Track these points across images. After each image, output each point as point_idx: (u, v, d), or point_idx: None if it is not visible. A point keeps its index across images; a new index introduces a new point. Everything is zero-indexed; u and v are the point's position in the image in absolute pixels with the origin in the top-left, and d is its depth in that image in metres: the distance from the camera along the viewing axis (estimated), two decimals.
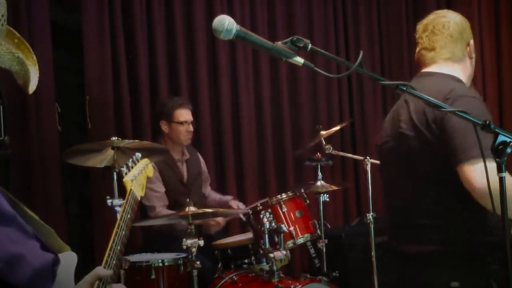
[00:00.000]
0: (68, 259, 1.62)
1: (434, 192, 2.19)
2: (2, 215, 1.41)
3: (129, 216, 1.86)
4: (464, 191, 2.04)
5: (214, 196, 4.34)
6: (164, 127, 4.10)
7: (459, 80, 2.30)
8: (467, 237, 2.15)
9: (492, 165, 1.99)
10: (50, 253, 1.48)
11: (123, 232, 1.80)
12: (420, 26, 2.44)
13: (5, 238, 1.38)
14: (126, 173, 2.02)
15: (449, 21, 2.35)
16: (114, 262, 1.70)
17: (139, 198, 1.99)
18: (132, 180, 2.00)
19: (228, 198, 4.29)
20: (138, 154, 2.16)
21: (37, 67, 1.59)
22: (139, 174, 2.08)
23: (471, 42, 2.37)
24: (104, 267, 1.68)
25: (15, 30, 1.56)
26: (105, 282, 1.63)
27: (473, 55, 2.39)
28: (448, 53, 2.32)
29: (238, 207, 4.14)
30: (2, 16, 1.52)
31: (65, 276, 1.56)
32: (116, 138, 3.37)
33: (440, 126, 2.12)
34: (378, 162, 2.71)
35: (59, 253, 1.58)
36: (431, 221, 2.20)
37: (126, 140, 3.42)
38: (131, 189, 1.97)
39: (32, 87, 1.57)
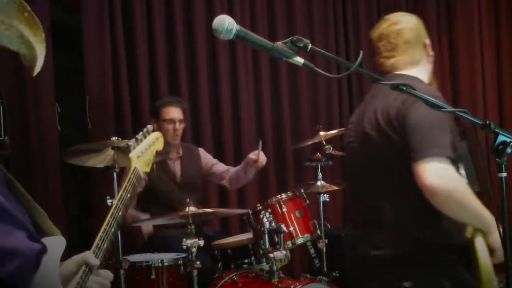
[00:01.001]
0: (56, 243, 1.58)
1: (394, 192, 2.21)
2: None
3: (128, 195, 1.78)
4: (421, 190, 2.06)
5: (234, 170, 4.22)
6: (154, 125, 4.05)
7: (420, 81, 2.32)
8: (422, 237, 2.16)
9: (444, 166, 2.01)
10: (36, 242, 1.46)
11: (120, 213, 1.73)
12: (374, 35, 2.45)
13: None
14: (134, 147, 1.91)
15: (403, 27, 2.37)
16: (105, 245, 1.65)
17: (142, 176, 1.89)
18: (138, 157, 1.89)
19: (244, 161, 4.14)
20: (150, 126, 2.06)
21: (44, 45, 1.55)
22: (147, 150, 1.97)
23: (427, 41, 2.40)
24: (94, 250, 1.63)
25: (25, 3, 1.54)
26: (92, 269, 1.58)
27: (431, 53, 2.42)
28: (407, 58, 2.35)
29: (256, 155, 3.98)
30: None
31: (51, 260, 1.52)
32: (116, 138, 3.36)
33: (401, 123, 2.14)
34: None
35: (49, 236, 1.55)
36: (389, 221, 2.21)
37: (126, 140, 3.42)
38: (135, 167, 1.87)
39: (38, 68, 1.53)
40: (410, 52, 2.35)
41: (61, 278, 1.57)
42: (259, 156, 3.93)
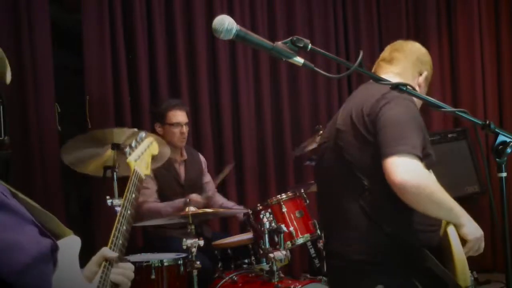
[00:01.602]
0: (71, 243, 1.64)
1: (363, 189, 2.20)
2: None
3: (133, 195, 1.86)
4: (391, 188, 2.06)
5: (218, 198, 4.31)
6: (158, 129, 4.07)
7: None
8: (394, 235, 2.16)
9: (412, 162, 2.03)
10: (48, 238, 1.48)
11: (128, 212, 1.81)
12: (387, 47, 2.58)
13: (2, 226, 1.38)
14: (129, 154, 2.02)
15: (415, 47, 2.50)
16: (120, 241, 1.73)
17: (143, 177, 1.99)
18: (135, 160, 2.00)
19: (229, 204, 4.27)
20: (142, 134, 2.16)
21: (5, 60, 1.61)
22: (143, 153, 2.07)
23: (425, 73, 2.45)
24: (110, 247, 1.70)
25: None
26: (112, 262, 1.65)
27: (422, 86, 2.45)
28: (400, 69, 2.42)
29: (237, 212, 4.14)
30: None
31: (69, 259, 1.58)
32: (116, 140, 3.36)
33: (373, 120, 2.16)
34: None
35: (62, 238, 1.60)
36: (359, 219, 2.21)
37: (125, 128, 3.40)
38: (134, 169, 1.97)
39: (9, 77, 1.60)
40: (405, 65, 2.43)
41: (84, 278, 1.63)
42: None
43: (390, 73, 2.40)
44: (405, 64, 2.43)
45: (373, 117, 2.15)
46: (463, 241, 2.11)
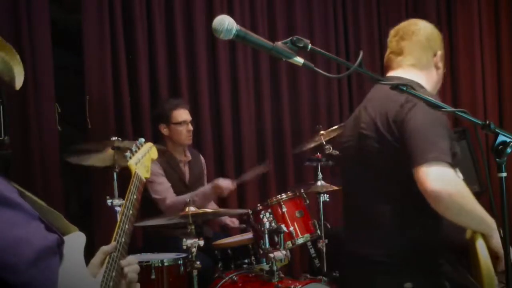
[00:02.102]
0: (77, 238, 1.70)
1: (391, 194, 2.20)
2: (4, 199, 1.44)
3: (135, 197, 1.93)
4: (419, 194, 2.05)
5: (211, 205, 4.30)
6: (164, 130, 4.08)
7: (421, 87, 2.30)
8: (420, 239, 2.16)
9: (444, 170, 2.01)
10: (54, 233, 1.51)
11: (130, 212, 1.88)
12: (392, 31, 2.46)
13: (6, 222, 1.41)
14: (130, 157, 2.09)
15: (419, 28, 2.38)
16: (123, 239, 1.79)
17: (144, 180, 2.06)
18: (136, 164, 2.08)
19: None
20: (142, 139, 2.23)
21: (21, 66, 1.64)
22: (143, 157, 2.15)
23: (439, 53, 2.38)
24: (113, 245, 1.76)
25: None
26: (115, 257, 1.71)
27: (440, 66, 2.40)
28: (413, 59, 2.35)
29: (233, 223, 4.21)
30: None
31: (75, 254, 1.63)
32: (116, 138, 3.36)
33: (400, 127, 2.13)
34: None
35: (68, 234, 1.64)
36: (386, 222, 2.21)
37: (127, 141, 3.42)
38: (135, 172, 2.04)
39: (19, 83, 1.63)
40: (417, 54, 2.35)
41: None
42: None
43: (405, 66, 2.36)
44: (417, 52, 2.36)
45: (399, 124, 2.13)
46: (491, 252, 2.08)
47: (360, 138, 2.29)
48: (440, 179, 2.00)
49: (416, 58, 2.35)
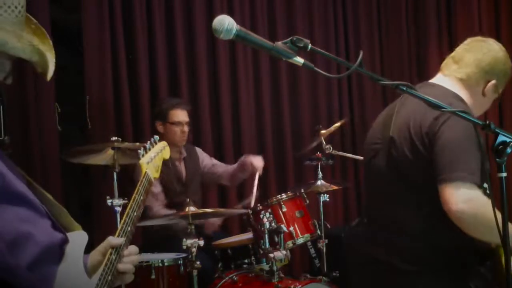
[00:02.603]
0: (78, 237, 1.68)
1: (417, 201, 2.20)
2: (14, 195, 1.46)
3: (141, 197, 1.88)
4: None
5: (229, 169, 4.30)
6: (159, 127, 4.09)
7: (461, 100, 2.27)
8: (445, 245, 2.15)
9: (470, 191, 1.99)
10: (59, 232, 1.51)
11: (135, 214, 1.83)
12: (468, 39, 2.42)
13: (14, 217, 1.42)
14: (142, 155, 2.04)
15: (490, 50, 2.32)
16: (124, 241, 1.75)
17: (153, 180, 2.01)
18: (148, 163, 2.02)
19: (240, 162, 4.21)
20: (156, 137, 2.17)
21: (53, 51, 1.66)
22: (155, 156, 2.10)
23: (493, 82, 2.31)
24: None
25: (31, 16, 1.62)
26: (113, 260, 1.68)
27: (487, 94, 2.33)
28: (464, 75, 2.30)
29: (252, 163, 4.09)
30: (22, 6, 1.60)
31: (75, 254, 1.62)
32: (116, 138, 3.37)
33: (431, 140, 2.12)
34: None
35: (71, 232, 1.64)
36: (411, 227, 2.20)
37: (127, 143, 3.43)
38: (146, 172, 1.99)
39: (50, 73, 1.65)
40: (472, 71, 2.29)
41: (88, 268, 1.67)
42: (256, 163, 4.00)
43: (452, 77, 2.31)
44: (471, 70, 2.29)
45: (432, 137, 2.12)
46: None
47: (391, 142, 2.27)
48: (465, 201, 1.99)
49: (467, 75, 2.29)
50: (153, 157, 2.08)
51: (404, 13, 5.63)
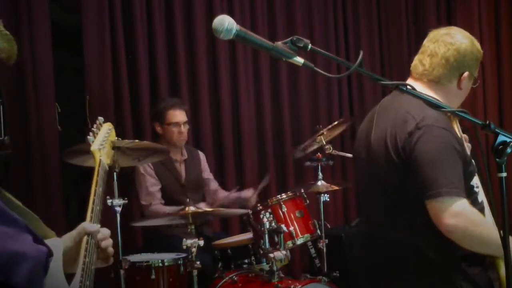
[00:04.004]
0: (55, 245, 1.60)
1: (402, 209, 2.20)
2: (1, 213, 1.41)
3: (101, 189, 1.80)
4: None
5: (223, 194, 4.30)
6: (158, 128, 4.10)
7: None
8: (432, 251, 2.15)
9: (457, 204, 2.00)
10: (42, 245, 1.47)
11: (98, 208, 1.75)
12: (430, 34, 2.36)
13: (5, 236, 1.38)
14: (92, 141, 1.92)
15: (453, 43, 2.26)
16: (93, 240, 1.67)
17: (107, 168, 1.90)
18: (100, 149, 1.90)
19: (233, 194, 4.23)
20: (101, 118, 2.07)
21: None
22: (105, 142, 1.98)
23: (466, 74, 2.26)
24: (86, 248, 1.65)
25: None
26: (88, 263, 1.61)
27: (463, 87, 2.29)
28: (434, 76, 2.26)
29: (247, 195, 4.13)
30: None
31: (56, 264, 1.55)
32: (116, 138, 3.36)
33: (408, 155, 2.11)
34: None
35: (45, 239, 1.57)
36: (398, 234, 2.20)
37: (126, 140, 3.42)
38: (100, 160, 1.88)
39: (14, 58, 1.61)
40: (440, 71, 2.25)
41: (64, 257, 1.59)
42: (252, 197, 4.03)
43: (424, 80, 2.27)
44: (441, 72, 2.25)
45: (409, 153, 2.11)
46: None
47: (369, 153, 2.28)
48: (454, 215, 2.00)
49: (438, 77, 2.26)
50: (103, 142, 1.95)
51: (404, 13, 5.63)
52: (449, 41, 2.27)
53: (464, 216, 2.01)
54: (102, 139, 1.96)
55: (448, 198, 2.01)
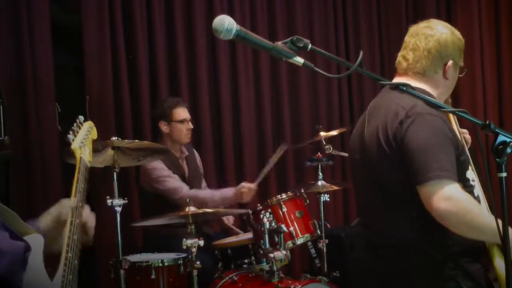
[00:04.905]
0: (35, 241, 1.60)
1: (396, 206, 2.19)
2: None
3: (83, 185, 1.81)
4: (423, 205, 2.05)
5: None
6: (164, 127, 4.10)
7: (427, 94, 2.24)
8: (436, 248, 2.14)
9: (449, 187, 1.98)
10: (20, 241, 1.48)
11: (80, 204, 1.77)
12: (411, 29, 2.38)
13: None
14: (73, 140, 1.93)
15: (433, 35, 2.26)
16: (75, 236, 1.68)
17: (89, 165, 1.90)
18: (80, 147, 1.92)
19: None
20: (81, 117, 2.07)
21: None
22: (86, 140, 1.99)
23: (450, 63, 2.26)
24: (68, 244, 1.66)
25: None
26: (71, 258, 1.62)
27: (448, 77, 2.28)
28: (419, 69, 2.26)
29: (228, 220, 4.24)
30: None
31: (36, 259, 1.56)
32: (116, 138, 3.36)
33: (399, 145, 2.11)
34: None
35: (24, 236, 1.57)
36: (396, 229, 2.20)
37: (126, 140, 3.43)
38: (81, 157, 1.89)
39: None
40: (425, 63, 2.25)
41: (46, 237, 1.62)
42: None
43: (409, 74, 2.27)
44: (424, 61, 2.25)
45: (399, 142, 2.10)
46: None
47: (363, 149, 2.27)
48: (444, 198, 1.97)
49: (422, 68, 2.25)
50: (83, 140, 1.97)
51: (404, 13, 5.63)
52: (429, 33, 2.27)
53: (456, 200, 1.99)
54: (83, 138, 1.98)
55: (439, 181, 1.98)
